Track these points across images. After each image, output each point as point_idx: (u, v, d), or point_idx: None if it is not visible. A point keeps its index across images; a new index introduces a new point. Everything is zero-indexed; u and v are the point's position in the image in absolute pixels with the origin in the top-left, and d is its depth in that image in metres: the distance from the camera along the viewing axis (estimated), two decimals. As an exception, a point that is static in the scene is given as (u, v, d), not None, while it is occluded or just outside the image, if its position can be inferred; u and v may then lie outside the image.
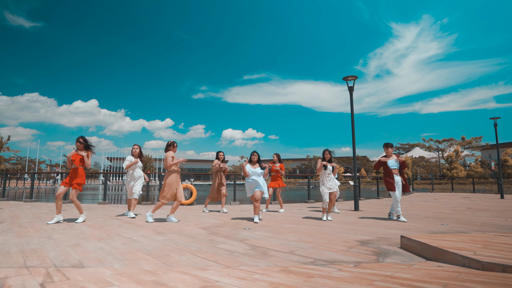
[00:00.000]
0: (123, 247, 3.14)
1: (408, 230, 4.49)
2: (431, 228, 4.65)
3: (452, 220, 5.62)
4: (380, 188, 13.93)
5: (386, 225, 4.99)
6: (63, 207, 7.33)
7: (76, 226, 4.60)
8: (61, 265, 2.44)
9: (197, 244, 3.34)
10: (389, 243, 3.48)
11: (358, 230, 4.43)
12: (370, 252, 3.00)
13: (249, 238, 3.72)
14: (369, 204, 9.90)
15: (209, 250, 3.07)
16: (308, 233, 4.19)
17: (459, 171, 37.03)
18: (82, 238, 3.61)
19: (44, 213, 6.35)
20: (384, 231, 4.37)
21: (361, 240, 3.63)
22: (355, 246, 3.29)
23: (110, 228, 4.41)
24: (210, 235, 3.97)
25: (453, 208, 8.35)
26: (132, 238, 3.68)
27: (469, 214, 6.68)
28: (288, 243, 3.43)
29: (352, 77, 8.25)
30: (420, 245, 2.88)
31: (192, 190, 9.31)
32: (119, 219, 5.52)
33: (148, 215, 5.16)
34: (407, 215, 6.53)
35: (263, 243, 3.42)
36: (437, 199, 12.28)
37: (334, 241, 3.61)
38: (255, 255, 2.85)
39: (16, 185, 30.00)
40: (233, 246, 3.24)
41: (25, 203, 8.91)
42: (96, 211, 6.92)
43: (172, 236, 3.85)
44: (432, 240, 2.93)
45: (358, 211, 7.47)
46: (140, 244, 3.33)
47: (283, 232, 4.20)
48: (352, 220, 5.70)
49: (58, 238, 3.59)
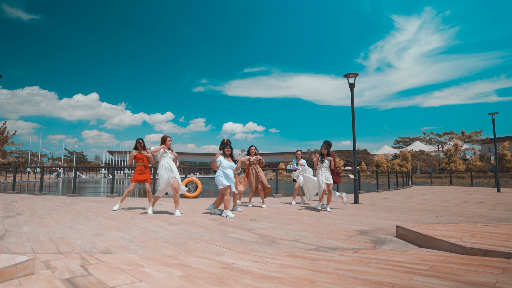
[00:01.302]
0: (142, 236, 3.43)
1: (404, 221, 4.79)
2: (426, 220, 4.94)
3: (447, 212, 5.91)
4: (380, 181, 14.24)
5: (384, 217, 5.29)
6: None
7: (93, 218, 4.90)
8: (90, 251, 2.73)
9: (209, 234, 3.63)
10: (385, 232, 3.77)
11: (358, 221, 4.72)
12: (368, 240, 3.29)
13: (257, 228, 4.02)
14: (369, 197, 10.22)
15: (221, 238, 3.36)
16: (311, 223, 4.49)
17: (458, 165, 37.38)
18: (102, 228, 3.90)
19: (57, 205, 6.65)
20: (382, 222, 4.67)
21: (360, 230, 3.93)
22: (355, 235, 3.58)
23: (125, 219, 4.71)
24: (220, 225, 4.26)
25: (449, 201, 8.66)
26: (148, 228, 3.97)
27: (464, 207, 6.98)
28: (293, 233, 3.72)
29: (353, 74, 8.46)
30: (413, 234, 3.17)
31: (197, 184, 9.63)
32: (132, 211, 5.82)
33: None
34: (404, 207, 6.84)
35: (270, 233, 3.71)
36: (435, 193, 12.61)
37: (335, 230, 3.90)
38: (264, 243, 3.14)
39: (21, 179, 30.43)
40: (243, 235, 3.54)
41: (36, 196, 9.23)
42: (106, 203, 7.23)
43: (184, 226, 4.15)
44: (425, 229, 3.22)
45: (357, 203, 7.78)
46: (157, 233, 3.62)
47: (287, 223, 4.49)
48: (352, 212, 6.00)
49: (80, 229, 3.89)
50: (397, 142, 74.79)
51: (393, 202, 8.17)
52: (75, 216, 5.04)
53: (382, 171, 21.13)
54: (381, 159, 46.94)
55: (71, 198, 8.56)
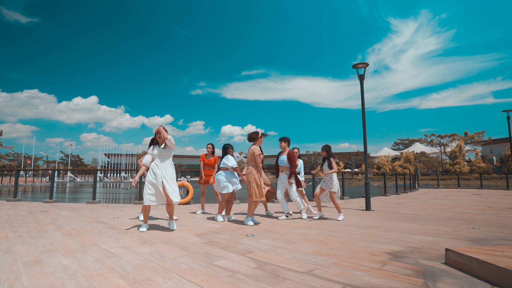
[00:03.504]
0: (93, 266, 2.46)
1: (439, 236, 3.83)
2: (463, 233, 3.99)
3: (481, 222, 4.96)
4: (382, 184, 13.27)
5: (410, 229, 4.33)
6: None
7: (50, 233, 3.92)
8: (-3, 299, 1.76)
9: (189, 260, 2.66)
10: (427, 256, 2.81)
11: (381, 237, 3.76)
12: (410, 271, 2.33)
13: (254, 250, 3.05)
14: (379, 202, 9.26)
15: (203, 269, 2.39)
16: (322, 241, 3.53)
17: (462, 166, 36.53)
18: (48, 251, 2.92)
19: (21, 215, 5.66)
20: (412, 237, 3.71)
21: (391, 252, 2.96)
22: (388, 262, 2.62)
23: (88, 236, 3.72)
24: (206, 245, 3.29)
25: (471, 206, 7.71)
26: (109, 250, 2.99)
27: (495, 214, 6.03)
28: (302, 257, 2.76)
29: (362, 65, 7.54)
30: (478, 265, 2.21)
31: (188, 188, 8.64)
32: (104, 222, 4.83)
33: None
34: (426, 216, 5.88)
35: (271, 258, 2.74)
36: (448, 196, 11.66)
37: (358, 253, 2.94)
38: (264, 279, 2.17)
39: (9, 182, 29.29)
40: (235, 263, 2.57)
41: (7, 202, 8.22)
42: (82, 212, 6.23)
43: (159, 247, 3.17)
44: (493, 257, 2.26)
45: (370, 210, 6.81)
46: (117, 260, 2.65)
47: (293, 241, 3.53)
48: (367, 222, 5.04)
49: (18, 251, 2.91)
50: (396, 144, 74.15)
51: (409, 209, 7.21)
52: (29, 230, 4.06)
53: (387, 174, 20.18)
54: (383, 161, 46.01)
55: (45, 205, 7.56)
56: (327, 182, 5.44)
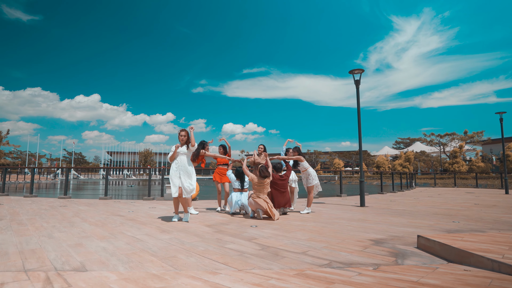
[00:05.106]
0: (127, 248, 3.00)
1: (420, 228, 4.35)
2: (442, 226, 4.51)
3: (462, 217, 5.48)
4: (383, 183, 13.78)
5: (396, 222, 4.86)
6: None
7: (78, 224, 4.47)
8: (62, 268, 2.29)
9: (204, 244, 3.20)
10: (404, 242, 3.34)
11: (369, 228, 4.29)
12: (386, 253, 2.86)
13: (258, 237, 3.58)
14: (374, 199, 9.79)
15: (217, 250, 2.93)
16: (317, 231, 4.06)
17: (461, 166, 36.97)
18: (84, 237, 3.47)
19: (44, 209, 6.21)
20: (396, 229, 4.24)
21: (374, 239, 3.49)
22: (370, 246, 3.15)
23: (113, 226, 4.27)
24: (217, 233, 3.83)
25: (460, 204, 8.22)
26: (135, 237, 3.53)
27: (478, 211, 6.55)
28: (299, 243, 3.29)
29: (358, 71, 8.04)
30: (440, 246, 2.73)
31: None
32: (122, 215, 5.38)
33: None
34: (415, 211, 6.41)
35: (273, 243, 3.28)
36: (441, 194, 12.17)
37: (346, 240, 3.47)
38: (267, 256, 2.71)
39: (17, 179, 29.97)
40: (242, 246, 3.10)
41: (25, 198, 8.79)
42: (98, 206, 6.79)
43: (177, 234, 3.71)
44: (452, 240, 2.79)
45: (364, 207, 7.34)
46: (145, 243, 3.19)
47: (291, 230, 4.06)
48: (360, 216, 5.57)
49: (59, 237, 3.45)
50: (397, 143, 74.41)
51: (401, 205, 7.73)
52: (59, 221, 4.61)
53: (384, 172, 20.68)
54: (382, 160, 46.48)
55: (61, 201, 8.12)
56: (304, 179, 6.28)
